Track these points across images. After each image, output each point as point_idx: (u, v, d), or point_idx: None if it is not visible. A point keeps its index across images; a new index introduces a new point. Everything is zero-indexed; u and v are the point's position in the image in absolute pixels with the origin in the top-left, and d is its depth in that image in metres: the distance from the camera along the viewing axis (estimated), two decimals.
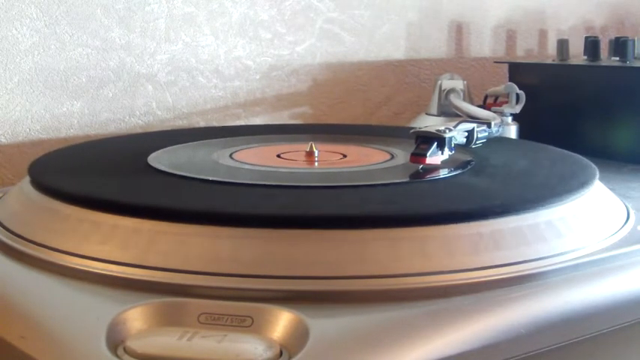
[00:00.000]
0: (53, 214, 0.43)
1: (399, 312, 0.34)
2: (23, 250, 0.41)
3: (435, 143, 0.50)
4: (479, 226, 0.40)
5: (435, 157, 0.50)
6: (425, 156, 0.50)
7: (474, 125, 0.55)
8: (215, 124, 0.79)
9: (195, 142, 0.61)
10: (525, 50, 1.01)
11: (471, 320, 0.34)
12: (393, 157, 0.56)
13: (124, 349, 0.32)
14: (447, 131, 0.51)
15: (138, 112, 0.74)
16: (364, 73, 0.88)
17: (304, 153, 0.56)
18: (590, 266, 0.40)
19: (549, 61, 0.83)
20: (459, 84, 0.76)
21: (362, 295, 0.36)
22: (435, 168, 0.50)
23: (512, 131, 0.72)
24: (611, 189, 0.51)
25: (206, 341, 0.32)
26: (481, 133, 0.56)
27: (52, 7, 0.69)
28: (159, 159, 0.54)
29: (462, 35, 0.95)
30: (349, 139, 0.63)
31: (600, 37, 0.80)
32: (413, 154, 0.50)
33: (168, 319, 0.34)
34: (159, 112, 0.75)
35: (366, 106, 0.88)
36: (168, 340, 0.32)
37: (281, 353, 0.32)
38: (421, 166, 0.50)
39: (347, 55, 0.86)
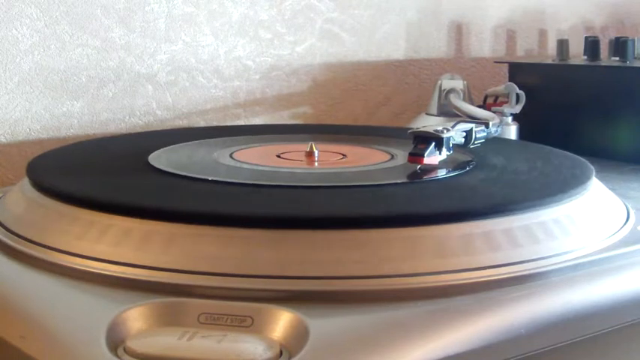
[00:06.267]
0: (53, 214, 0.43)
1: (399, 312, 0.34)
2: (23, 250, 0.41)
3: (433, 143, 0.50)
4: (478, 227, 0.40)
5: (433, 157, 0.50)
6: (422, 156, 0.50)
7: (473, 125, 0.55)
8: (215, 124, 0.79)
9: (195, 142, 0.61)
10: (525, 50, 1.01)
11: (471, 320, 0.34)
12: (393, 157, 0.56)
13: (124, 349, 0.32)
14: (445, 131, 0.51)
15: (138, 112, 0.74)
16: (364, 73, 0.88)
17: (304, 153, 0.56)
18: (590, 266, 0.40)
19: (549, 61, 0.83)
20: (459, 84, 0.76)
21: (362, 295, 0.36)
22: (432, 168, 0.50)
23: (512, 131, 0.72)
24: (611, 189, 0.51)
25: (206, 341, 0.32)
26: (479, 133, 0.56)
27: (52, 7, 0.69)
28: (159, 159, 0.54)
29: (462, 35, 0.95)
30: (349, 139, 0.63)
31: (600, 37, 0.81)
32: (411, 154, 0.50)
33: (168, 319, 0.34)
34: (159, 112, 0.75)
35: (366, 106, 0.88)
36: (168, 340, 0.32)
37: (281, 353, 0.32)
38: (419, 166, 0.50)
39: (347, 55, 0.86)
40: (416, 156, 0.50)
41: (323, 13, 0.84)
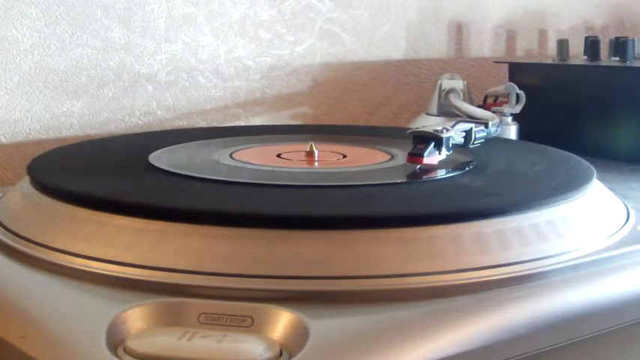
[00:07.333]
0: (53, 214, 0.43)
1: (399, 312, 0.34)
2: (23, 250, 0.41)
3: (432, 143, 0.50)
4: (478, 226, 0.40)
5: (433, 157, 0.50)
6: (422, 156, 0.50)
7: (472, 125, 0.55)
8: (215, 124, 0.79)
9: (195, 142, 0.61)
10: (525, 50, 1.01)
11: (471, 320, 0.34)
12: (392, 157, 0.56)
13: (124, 349, 0.32)
14: (445, 131, 0.51)
15: (138, 112, 0.74)
16: (364, 73, 0.88)
17: (304, 153, 0.56)
18: (590, 266, 0.40)
19: (549, 61, 0.83)
20: (459, 84, 0.76)
21: (362, 295, 0.36)
22: (432, 168, 0.50)
23: (512, 131, 0.72)
24: (611, 189, 0.51)
25: (206, 341, 0.32)
26: (479, 133, 0.56)
27: (52, 7, 0.69)
28: (159, 159, 0.54)
29: (462, 35, 0.95)
30: (349, 139, 0.63)
31: (600, 37, 0.81)
32: (410, 154, 0.50)
33: (168, 319, 0.34)
34: (159, 112, 0.75)
35: (366, 106, 0.88)
36: (168, 340, 0.32)
37: (281, 353, 0.32)
38: (418, 166, 0.50)
39: (347, 55, 0.86)
40: (415, 156, 0.50)
41: (323, 13, 0.84)
